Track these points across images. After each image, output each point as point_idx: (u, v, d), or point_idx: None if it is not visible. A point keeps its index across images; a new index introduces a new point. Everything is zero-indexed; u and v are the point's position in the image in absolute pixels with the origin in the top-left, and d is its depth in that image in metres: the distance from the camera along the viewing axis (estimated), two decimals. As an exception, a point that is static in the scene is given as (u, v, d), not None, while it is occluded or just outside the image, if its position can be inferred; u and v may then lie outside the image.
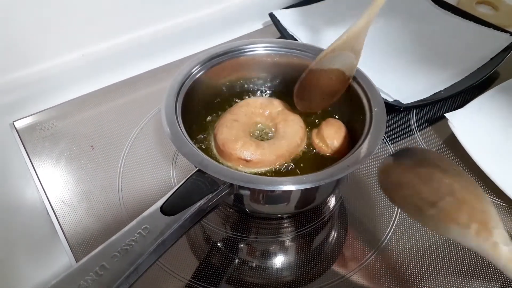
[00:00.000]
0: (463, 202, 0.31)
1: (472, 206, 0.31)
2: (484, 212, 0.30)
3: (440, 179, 0.33)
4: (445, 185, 0.32)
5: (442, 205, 0.32)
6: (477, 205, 0.31)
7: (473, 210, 0.31)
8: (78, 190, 0.48)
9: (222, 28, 0.71)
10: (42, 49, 0.58)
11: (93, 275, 0.28)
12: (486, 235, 0.29)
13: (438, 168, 0.34)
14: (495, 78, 0.64)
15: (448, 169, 0.34)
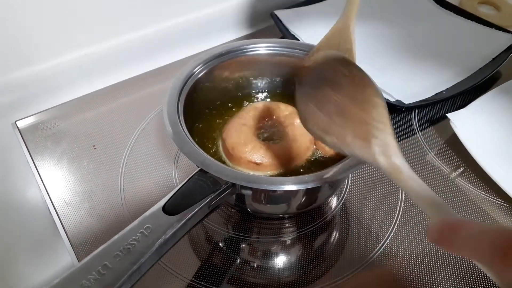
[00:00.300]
0: (349, 119, 0.30)
1: (356, 120, 0.29)
2: (364, 123, 0.29)
3: (331, 98, 0.31)
4: (335, 104, 0.31)
5: (332, 129, 0.31)
6: (361, 117, 0.29)
7: (356, 124, 0.29)
8: (80, 190, 0.48)
9: (224, 28, 0.71)
10: (44, 49, 0.58)
11: (96, 275, 0.28)
12: (368, 148, 0.28)
13: (329, 84, 0.32)
14: (497, 78, 0.63)
15: (339, 80, 0.31)
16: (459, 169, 0.51)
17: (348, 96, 0.30)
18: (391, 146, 0.27)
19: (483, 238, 0.20)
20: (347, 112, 0.30)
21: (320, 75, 0.33)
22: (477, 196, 0.49)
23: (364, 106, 0.29)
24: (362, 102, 0.29)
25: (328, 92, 0.31)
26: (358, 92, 0.29)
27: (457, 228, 0.22)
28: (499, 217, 0.46)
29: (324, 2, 0.75)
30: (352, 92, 0.30)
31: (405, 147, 0.54)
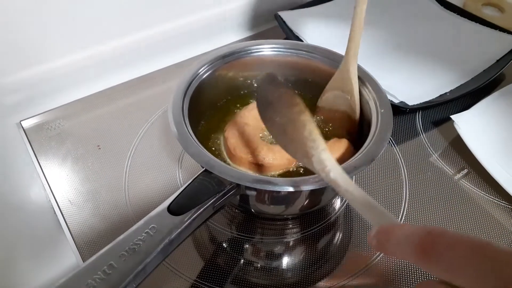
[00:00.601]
0: (291, 138, 0.31)
1: (296, 139, 0.30)
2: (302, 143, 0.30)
3: (275, 119, 0.33)
4: (279, 125, 0.32)
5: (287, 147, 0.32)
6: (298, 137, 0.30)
7: (297, 143, 0.30)
8: (85, 190, 0.49)
9: (228, 29, 0.71)
10: (49, 49, 0.58)
11: (101, 274, 0.28)
12: (311, 166, 0.29)
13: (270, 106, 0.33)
14: (501, 80, 0.63)
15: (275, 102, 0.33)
16: (463, 171, 0.51)
17: (285, 117, 0.31)
18: (325, 162, 0.29)
19: (407, 240, 0.21)
20: (288, 133, 0.31)
21: (263, 96, 0.34)
22: (481, 198, 0.48)
23: (297, 126, 0.30)
24: (294, 122, 0.30)
25: (271, 113, 0.33)
26: (289, 113, 0.31)
27: (389, 233, 0.23)
28: (503, 219, 0.46)
29: (328, 4, 0.75)
30: (285, 113, 0.31)
31: (409, 148, 0.54)
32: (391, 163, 0.52)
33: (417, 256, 0.21)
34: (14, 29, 0.53)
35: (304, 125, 0.29)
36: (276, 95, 0.32)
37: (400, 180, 0.50)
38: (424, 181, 0.50)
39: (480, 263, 0.18)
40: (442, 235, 0.20)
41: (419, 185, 0.50)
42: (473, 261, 0.19)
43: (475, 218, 0.46)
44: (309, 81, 0.51)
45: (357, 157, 0.37)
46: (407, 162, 0.52)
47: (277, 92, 0.32)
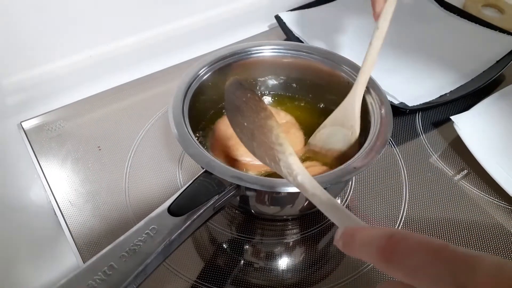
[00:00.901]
0: (260, 144, 0.31)
1: (263, 144, 0.30)
2: (269, 147, 0.30)
3: (243, 125, 0.33)
4: (248, 131, 0.32)
5: (256, 152, 0.32)
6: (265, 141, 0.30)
7: (266, 148, 0.30)
8: (85, 191, 0.49)
9: (229, 30, 0.71)
10: (50, 50, 0.58)
11: (102, 275, 0.29)
12: (279, 170, 0.29)
13: (238, 111, 0.33)
14: (500, 81, 0.63)
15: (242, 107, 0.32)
16: (463, 172, 0.51)
17: (252, 122, 0.31)
18: (293, 166, 0.28)
19: (370, 243, 0.21)
20: (256, 138, 0.31)
21: (231, 102, 0.34)
22: (481, 199, 0.49)
23: (264, 131, 0.30)
24: (261, 127, 0.30)
25: (239, 119, 0.33)
26: (256, 118, 0.30)
27: (354, 235, 0.23)
28: (503, 220, 0.46)
29: (328, 5, 0.75)
30: (253, 118, 0.31)
31: (409, 149, 0.54)
32: (391, 164, 0.52)
33: (378, 260, 0.21)
34: (14, 30, 0.53)
35: (271, 130, 0.29)
36: (243, 100, 0.32)
37: (400, 181, 0.50)
38: (424, 182, 0.50)
39: (437, 267, 0.19)
40: (404, 240, 0.20)
41: (419, 186, 0.50)
42: (431, 265, 0.19)
43: (475, 219, 0.47)
44: (309, 82, 0.51)
45: (357, 158, 0.38)
46: (407, 163, 0.52)
47: (244, 97, 0.32)
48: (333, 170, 0.37)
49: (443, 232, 0.45)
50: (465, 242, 0.44)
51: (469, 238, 0.45)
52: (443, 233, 0.45)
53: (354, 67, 0.47)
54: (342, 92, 0.46)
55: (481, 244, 0.44)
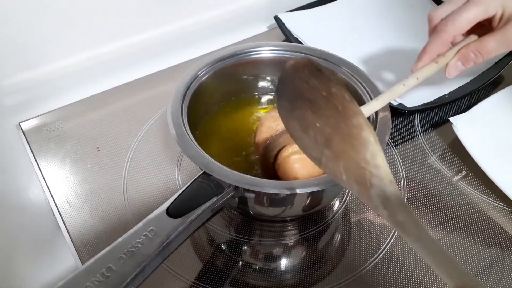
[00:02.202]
0: (338, 155, 0.25)
1: (347, 158, 0.24)
2: (358, 166, 0.24)
3: (313, 124, 0.26)
4: (319, 133, 0.26)
5: (324, 162, 0.26)
6: (351, 155, 0.24)
7: (349, 164, 0.24)
8: (83, 191, 0.49)
9: (228, 31, 0.71)
10: (48, 51, 0.58)
11: (100, 277, 0.29)
12: (367, 197, 0.24)
13: (308, 104, 0.26)
14: (499, 82, 0.63)
15: (318, 101, 0.26)
16: (461, 173, 0.51)
17: (331, 125, 0.25)
18: (392, 199, 0.23)
19: None
20: (332, 146, 0.25)
21: (295, 88, 0.27)
22: (480, 200, 0.49)
23: (353, 144, 0.24)
24: (349, 137, 0.24)
25: (308, 114, 0.26)
26: (342, 123, 0.24)
27: None
28: (501, 221, 0.46)
29: (327, 6, 0.75)
30: (335, 121, 0.25)
31: (408, 150, 0.54)
32: (390, 165, 0.52)
33: None
34: (12, 31, 0.53)
35: (365, 144, 0.23)
36: (322, 93, 0.25)
37: (398, 182, 0.50)
38: (422, 183, 0.50)
39: None
40: None
41: (418, 187, 0.50)
42: None
43: (473, 219, 0.47)
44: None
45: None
46: (406, 164, 0.52)
47: (325, 90, 0.25)
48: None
49: (441, 232, 0.45)
50: (463, 242, 0.44)
51: (467, 239, 0.45)
52: (441, 234, 0.45)
53: (353, 68, 0.47)
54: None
55: (479, 245, 0.44)
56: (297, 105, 0.27)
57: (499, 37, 0.40)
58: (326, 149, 0.25)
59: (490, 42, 0.41)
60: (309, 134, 0.26)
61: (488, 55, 0.41)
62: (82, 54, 0.61)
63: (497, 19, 0.41)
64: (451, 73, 0.43)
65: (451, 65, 0.42)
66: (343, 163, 0.24)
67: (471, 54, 0.41)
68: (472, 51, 0.41)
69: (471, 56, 0.41)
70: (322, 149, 0.26)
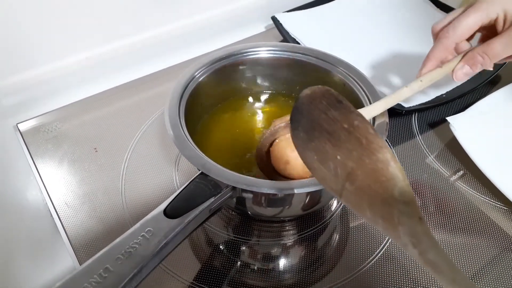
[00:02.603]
0: (361, 190, 0.24)
1: (372, 194, 0.23)
2: (385, 202, 0.23)
3: (333, 156, 0.25)
4: (340, 166, 0.25)
5: (345, 195, 0.25)
6: (377, 192, 0.23)
7: (374, 200, 0.23)
8: (81, 192, 0.49)
9: (225, 31, 0.71)
10: (46, 52, 0.58)
11: (97, 278, 0.28)
12: (394, 234, 0.23)
13: (327, 136, 0.25)
14: (496, 81, 0.64)
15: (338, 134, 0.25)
16: (458, 172, 0.52)
17: (354, 159, 0.24)
18: (423, 238, 0.22)
19: None
20: (355, 181, 0.24)
21: (312, 118, 0.26)
22: (477, 199, 0.49)
23: (379, 180, 0.23)
24: (375, 173, 0.23)
25: (327, 147, 0.25)
26: (366, 157, 0.23)
27: None
28: (498, 220, 0.47)
29: (325, 6, 0.75)
30: (358, 155, 0.24)
31: (405, 150, 0.54)
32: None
33: None
34: (10, 32, 0.53)
35: (392, 181, 0.22)
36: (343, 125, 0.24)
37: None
38: (420, 182, 0.50)
39: None
40: None
41: (415, 187, 0.50)
42: None
43: (471, 219, 0.47)
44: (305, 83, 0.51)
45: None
46: (403, 164, 0.52)
47: (346, 122, 0.24)
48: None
49: (439, 232, 0.45)
50: (461, 242, 0.45)
51: (465, 238, 0.45)
52: (439, 233, 0.45)
53: (350, 68, 0.47)
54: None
55: (477, 244, 0.44)
56: (315, 136, 0.26)
57: (505, 39, 0.41)
58: (348, 183, 0.24)
59: (496, 44, 0.41)
60: (328, 166, 0.25)
61: (495, 57, 0.42)
62: (79, 55, 0.61)
63: (500, 23, 0.42)
64: (458, 77, 0.43)
65: (457, 68, 0.43)
66: (367, 199, 0.23)
67: (478, 56, 0.42)
68: (479, 54, 0.42)
69: (478, 58, 0.42)
70: (343, 182, 0.24)
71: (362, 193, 0.24)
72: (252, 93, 0.53)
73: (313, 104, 0.26)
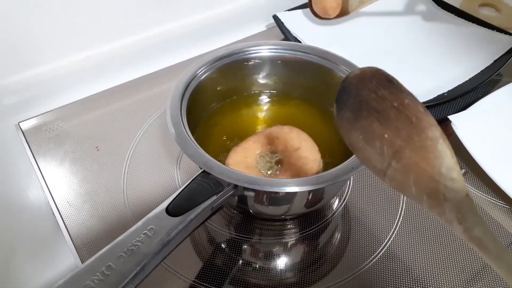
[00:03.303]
0: (408, 168, 0.24)
1: (418, 172, 0.24)
2: (432, 179, 0.23)
3: (380, 135, 0.25)
4: (388, 145, 0.25)
5: (390, 174, 0.25)
6: (424, 168, 0.23)
7: (420, 177, 0.24)
8: (83, 191, 0.49)
9: (226, 30, 0.71)
10: (48, 51, 0.58)
11: (100, 275, 0.29)
12: (439, 211, 0.23)
13: (376, 115, 0.26)
14: (498, 80, 0.64)
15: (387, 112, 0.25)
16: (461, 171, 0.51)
17: (402, 137, 0.24)
18: (468, 213, 0.22)
19: None
20: (402, 158, 0.24)
21: (360, 98, 0.26)
22: (479, 198, 0.49)
23: (427, 157, 0.23)
24: (423, 151, 0.23)
25: (374, 125, 0.25)
26: (415, 135, 0.23)
27: None
28: (501, 220, 0.47)
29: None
30: (407, 133, 0.24)
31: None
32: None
33: None
34: (11, 31, 0.53)
35: (440, 158, 0.23)
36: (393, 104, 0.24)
37: (398, 181, 0.50)
38: (421, 181, 0.50)
39: None
40: None
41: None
42: None
43: (473, 218, 0.47)
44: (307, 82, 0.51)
45: (354, 158, 0.38)
46: (405, 163, 0.52)
47: (396, 101, 0.24)
48: (331, 170, 0.37)
49: (440, 230, 0.45)
50: (462, 241, 0.44)
51: (466, 237, 0.45)
52: (440, 232, 0.45)
53: (351, 67, 0.47)
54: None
55: (479, 243, 0.44)
56: (362, 115, 0.26)
57: None
58: (395, 161, 0.24)
59: None
60: (374, 145, 0.25)
61: None
62: (80, 54, 0.61)
63: None
64: None
65: None
66: (413, 176, 0.24)
67: None
68: None
69: None
70: (389, 161, 0.25)
71: (408, 171, 0.24)
72: (254, 92, 0.53)
73: (362, 84, 0.26)
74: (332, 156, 0.45)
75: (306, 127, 0.49)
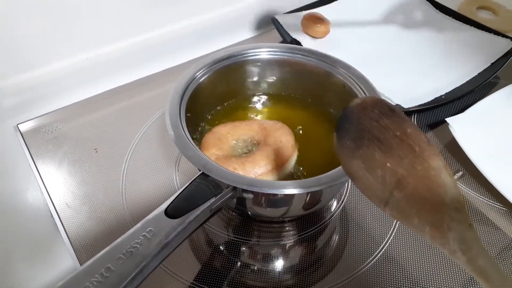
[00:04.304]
0: (410, 198, 0.24)
1: (421, 202, 0.24)
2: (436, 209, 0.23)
3: (382, 163, 0.25)
4: (390, 174, 0.25)
5: (392, 203, 0.25)
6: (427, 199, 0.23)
7: (424, 207, 0.24)
8: (82, 193, 0.49)
9: (225, 33, 0.72)
10: (46, 53, 0.58)
11: (99, 277, 0.29)
12: (442, 241, 0.23)
13: (377, 144, 0.26)
14: (495, 82, 0.64)
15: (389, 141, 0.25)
16: (458, 173, 0.52)
17: (405, 166, 0.24)
18: (472, 244, 0.22)
19: None
20: (405, 188, 0.24)
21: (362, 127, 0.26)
22: (476, 200, 0.49)
23: (430, 187, 0.23)
24: (426, 180, 0.23)
25: (376, 154, 0.25)
26: (418, 164, 0.23)
27: None
28: (497, 221, 0.47)
29: (324, 7, 0.75)
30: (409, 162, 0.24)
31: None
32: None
33: None
34: (11, 33, 0.53)
35: (444, 188, 0.23)
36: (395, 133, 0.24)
37: (395, 183, 0.50)
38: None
39: None
40: None
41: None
42: None
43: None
44: (305, 84, 0.51)
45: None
46: (403, 165, 0.52)
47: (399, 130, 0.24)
48: (329, 172, 0.37)
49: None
50: (460, 243, 0.45)
51: (464, 239, 0.45)
52: (438, 234, 0.45)
53: (349, 69, 0.47)
54: (337, 94, 0.46)
55: (476, 245, 0.45)
56: (363, 144, 0.26)
57: None
58: (397, 190, 0.24)
59: None
60: (375, 174, 0.26)
61: None
62: (79, 56, 0.61)
63: None
64: None
65: None
66: (416, 206, 0.24)
67: None
68: None
69: None
70: (391, 190, 0.25)
71: (411, 201, 0.24)
72: (252, 94, 0.53)
73: (364, 113, 0.26)
74: (330, 159, 0.45)
75: (305, 129, 0.49)
